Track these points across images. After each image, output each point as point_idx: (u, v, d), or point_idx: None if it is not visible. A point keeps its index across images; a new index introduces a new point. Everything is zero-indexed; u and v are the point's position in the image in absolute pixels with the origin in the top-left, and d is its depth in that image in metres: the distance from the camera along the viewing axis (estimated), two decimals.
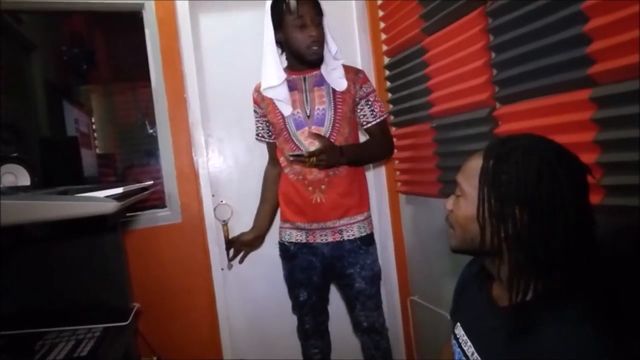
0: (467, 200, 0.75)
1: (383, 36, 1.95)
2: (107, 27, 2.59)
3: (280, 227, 1.59)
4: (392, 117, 1.96)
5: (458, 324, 0.89)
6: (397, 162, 1.99)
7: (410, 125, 1.83)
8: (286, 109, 1.46)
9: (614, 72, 0.98)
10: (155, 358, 1.58)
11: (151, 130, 2.48)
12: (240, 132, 1.92)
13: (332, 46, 1.45)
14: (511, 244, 0.70)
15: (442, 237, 1.75)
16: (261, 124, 1.58)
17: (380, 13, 1.94)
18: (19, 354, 1.06)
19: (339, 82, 1.46)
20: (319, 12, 1.39)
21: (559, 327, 0.65)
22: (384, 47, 1.95)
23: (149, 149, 2.56)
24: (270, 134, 1.57)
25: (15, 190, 1.04)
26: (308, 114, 1.46)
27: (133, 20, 1.83)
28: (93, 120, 2.70)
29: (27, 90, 2.11)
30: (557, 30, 1.09)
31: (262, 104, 1.52)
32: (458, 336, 0.87)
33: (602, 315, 0.66)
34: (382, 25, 1.95)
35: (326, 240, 1.49)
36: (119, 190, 1.02)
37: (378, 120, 1.53)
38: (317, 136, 1.40)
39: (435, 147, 1.64)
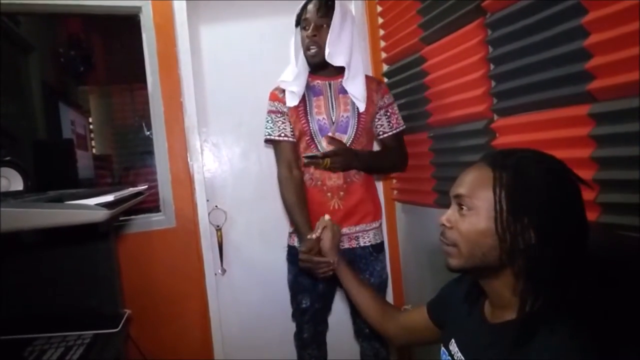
0: (478, 214, 0.72)
1: (382, 43, 1.94)
2: (104, 30, 2.58)
3: (293, 232, 1.55)
4: None
5: (453, 340, 0.89)
6: None
7: (408, 133, 1.81)
8: (292, 101, 1.46)
9: (613, 88, 0.97)
10: None
11: (148, 133, 2.47)
12: (235, 138, 1.92)
13: (327, 46, 1.39)
14: (527, 256, 0.69)
15: (437, 247, 1.74)
16: (283, 123, 1.48)
17: (380, 20, 1.93)
18: None
19: (357, 102, 1.47)
20: (324, 15, 1.38)
21: (550, 343, 0.65)
22: (383, 55, 1.94)
23: (146, 151, 2.55)
24: (293, 133, 1.48)
25: (5, 196, 1.02)
26: (333, 120, 1.47)
27: (131, 22, 1.82)
28: (90, 121, 2.69)
29: (24, 91, 2.09)
30: (557, 44, 1.08)
31: (285, 97, 1.51)
32: (452, 352, 0.87)
33: (593, 333, 0.66)
34: (381, 32, 1.94)
35: (342, 246, 1.48)
36: (110, 197, 1.01)
37: (394, 131, 1.55)
38: (332, 139, 1.43)
39: (431, 156, 1.63)
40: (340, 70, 1.47)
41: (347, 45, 1.43)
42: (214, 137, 1.90)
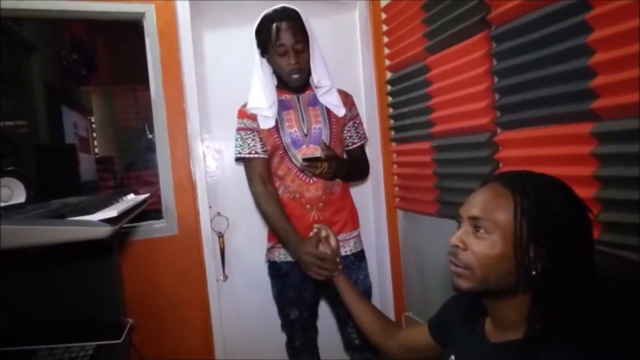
0: (496, 238, 0.71)
1: (386, 51, 1.94)
2: (107, 32, 2.57)
3: (272, 247, 1.55)
4: (392, 133, 1.95)
5: (452, 357, 0.89)
6: (396, 177, 1.98)
7: (410, 142, 1.82)
8: (267, 123, 1.46)
9: (617, 108, 0.97)
10: None
11: (151, 135, 2.47)
12: None
13: (317, 73, 1.43)
14: (543, 281, 0.69)
15: (438, 254, 1.75)
16: (253, 140, 1.48)
17: (385, 27, 1.93)
18: None
19: (336, 109, 1.49)
20: (300, 39, 1.37)
21: None
22: (387, 62, 1.94)
23: (149, 153, 2.55)
24: (264, 149, 1.48)
25: (8, 210, 1.03)
26: (305, 133, 1.46)
27: (134, 26, 1.81)
28: (92, 120, 2.69)
29: (26, 93, 2.09)
30: (562, 61, 1.08)
31: (257, 119, 1.49)
32: None
33: (594, 352, 0.67)
34: (385, 39, 1.93)
35: None
36: (114, 212, 1.01)
37: (362, 142, 1.58)
38: (327, 146, 1.42)
39: (434, 166, 1.63)
40: (307, 83, 1.48)
41: (322, 63, 1.46)
42: (217, 144, 1.90)
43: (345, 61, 2.00)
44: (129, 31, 1.93)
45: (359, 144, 1.57)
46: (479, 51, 1.34)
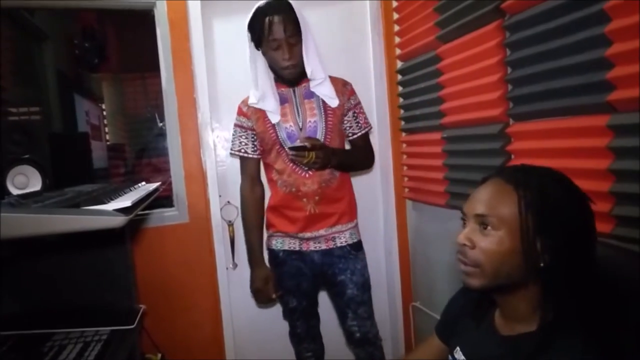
0: (503, 233, 0.71)
1: (397, 39, 1.91)
2: (118, 20, 2.57)
3: (270, 235, 1.57)
4: (402, 123, 1.93)
5: (458, 348, 0.90)
6: (405, 168, 1.97)
7: (420, 132, 1.81)
8: (274, 118, 1.45)
9: (634, 100, 0.95)
10: (159, 356, 1.61)
11: (161, 124, 2.48)
12: None
13: (310, 64, 1.40)
14: (551, 273, 0.70)
15: (447, 245, 1.75)
16: (246, 138, 1.51)
17: (395, 16, 1.90)
18: (29, 354, 1.08)
19: (330, 100, 1.46)
20: (293, 32, 1.34)
21: (565, 355, 0.66)
22: (398, 51, 1.92)
23: (159, 140, 2.56)
24: (255, 149, 1.51)
25: (25, 199, 1.05)
26: (300, 127, 1.45)
27: (145, 15, 1.81)
28: (103, 107, 2.71)
29: (39, 82, 2.11)
30: (578, 52, 1.05)
31: (253, 117, 1.49)
32: None
33: (606, 345, 0.67)
34: (396, 28, 1.91)
35: (319, 247, 1.49)
36: (128, 202, 1.02)
37: (363, 132, 1.54)
38: (310, 139, 1.38)
39: (444, 157, 1.62)
40: (302, 75, 1.44)
41: (316, 54, 1.42)
42: (227, 133, 1.91)
43: (355, 49, 1.99)
44: (139, 20, 1.94)
45: (359, 134, 1.53)
46: (492, 41, 1.32)
